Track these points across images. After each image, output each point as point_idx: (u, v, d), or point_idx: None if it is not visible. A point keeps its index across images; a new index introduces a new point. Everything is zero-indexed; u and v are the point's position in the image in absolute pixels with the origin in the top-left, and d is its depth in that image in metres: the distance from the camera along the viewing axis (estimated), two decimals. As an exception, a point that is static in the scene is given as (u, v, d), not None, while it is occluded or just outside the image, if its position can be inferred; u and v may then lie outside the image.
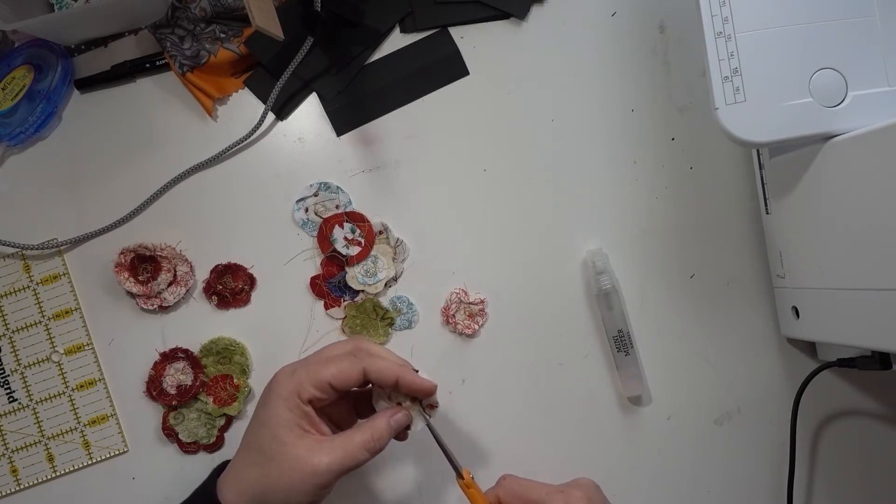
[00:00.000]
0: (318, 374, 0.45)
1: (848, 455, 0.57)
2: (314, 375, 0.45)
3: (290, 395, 0.45)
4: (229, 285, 0.57)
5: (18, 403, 0.58)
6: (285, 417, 0.45)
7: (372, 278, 0.57)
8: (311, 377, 0.45)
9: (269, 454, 0.45)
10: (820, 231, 0.47)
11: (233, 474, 0.47)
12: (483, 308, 0.57)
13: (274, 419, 0.45)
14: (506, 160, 0.58)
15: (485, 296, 0.57)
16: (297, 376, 0.46)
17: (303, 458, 0.44)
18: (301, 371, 0.46)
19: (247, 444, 0.47)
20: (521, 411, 0.57)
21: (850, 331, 0.47)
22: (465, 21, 0.59)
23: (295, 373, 0.46)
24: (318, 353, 0.48)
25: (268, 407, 0.46)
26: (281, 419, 0.45)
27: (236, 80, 0.59)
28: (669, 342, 0.58)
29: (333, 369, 0.45)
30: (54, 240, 0.58)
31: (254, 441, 0.46)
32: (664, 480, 0.57)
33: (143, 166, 0.58)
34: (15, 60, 0.60)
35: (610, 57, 0.59)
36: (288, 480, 0.44)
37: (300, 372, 0.46)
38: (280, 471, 0.44)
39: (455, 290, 0.57)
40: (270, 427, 0.45)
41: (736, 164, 0.58)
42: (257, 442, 0.46)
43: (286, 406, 0.45)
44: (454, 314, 0.57)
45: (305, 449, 0.44)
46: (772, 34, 0.45)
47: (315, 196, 0.58)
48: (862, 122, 0.44)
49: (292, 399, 0.45)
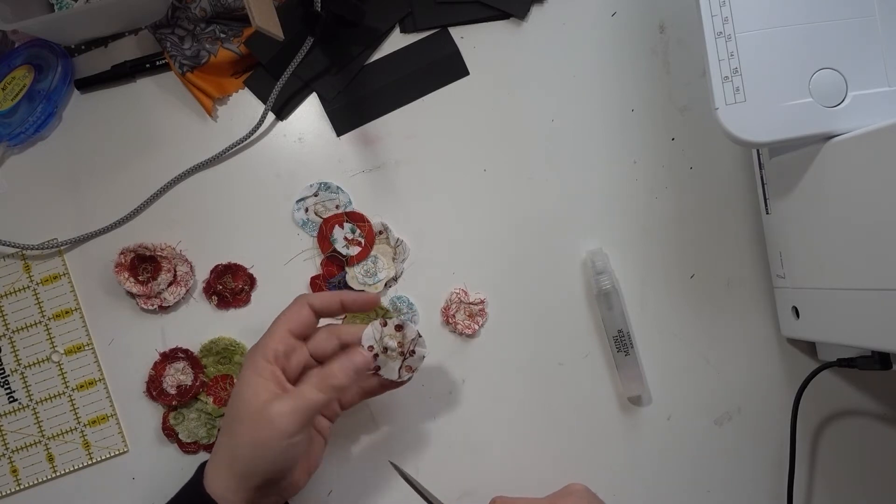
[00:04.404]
0: (274, 330, 0.48)
1: (848, 455, 0.57)
2: (271, 333, 0.48)
3: (255, 359, 0.47)
4: (229, 285, 0.57)
5: (18, 403, 0.58)
6: (254, 381, 0.46)
7: (372, 278, 0.57)
8: (269, 336, 0.48)
9: (236, 418, 0.46)
10: (820, 231, 0.47)
11: (212, 456, 0.48)
12: (483, 308, 0.57)
13: (243, 387, 0.46)
14: (506, 160, 0.58)
15: (485, 296, 0.57)
16: (259, 342, 0.48)
17: (261, 410, 0.45)
18: (261, 338, 0.48)
19: (226, 419, 0.47)
20: (521, 411, 0.57)
21: (850, 331, 0.47)
22: (465, 21, 0.59)
23: (258, 342, 0.48)
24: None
25: (239, 379, 0.47)
26: (250, 384, 0.46)
27: (236, 80, 0.59)
28: (669, 342, 0.58)
29: (283, 318, 0.48)
30: (54, 240, 0.58)
31: (227, 415, 0.47)
32: (664, 480, 0.57)
33: (143, 166, 0.58)
34: (15, 60, 0.60)
35: (610, 57, 0.59)
36: (251, 436, 0.45)
37: (261, 339, 0.48)
38: (243, 429, 0.45)
39: (455, 290, 0.57)
40: (240, 395, 0.46)
41: (736, 164, 0.58)
42: (229, 414, 0.47)
43: (254, 372, 0.46)
44: (454, 314, 0.57)
45: (264, 401, 0.45)
46: (772, 34, 0.45)
47: (315, 196, 0.58)
48: (862, 122, 0.44)
49: (258, 363, 0.46)
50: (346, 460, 0.57)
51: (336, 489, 0.57)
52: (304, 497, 0.56)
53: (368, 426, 0.57)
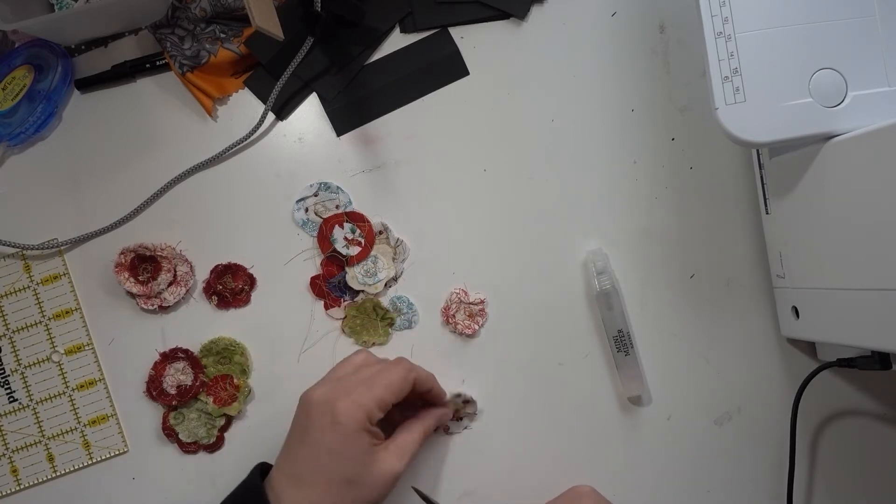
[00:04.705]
0: (383, 397, 0.48)
1: (848, 455, 0.57)
2: (380, 399, 0.48)
3: (363, 422, 0.47)
4: (229, 285, 0.57)
5: (19, 403, 0.58)
6: (364, 443, 0.47)
7: (372, 278, 0.57)
8: (376, 401, 0.48)
9: (356, 481, 0.47)
10: (820, 231, 0.47)
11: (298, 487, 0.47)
12: (483, 308, 0.57)
13: (355, 448, 0.47)
14: (506, 160, 0.58)
15: (485, 296, 0.57)
16: (363, 402, 0.48)
17: (386, 471, 0.48)
18: (364, 396, 0.48)
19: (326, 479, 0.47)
20: (520, 411, 0.57)
21: (850, 331, 0.46)
22: (465, 21, 0.59)
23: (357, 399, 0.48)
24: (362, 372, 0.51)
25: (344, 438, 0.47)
26: (362, 446, 0.47)
27: (236, 80, 0.59)
28: (669, 342, 0.58)
29: (394, 389, 0.49)
30: (54, 240, 0.58)
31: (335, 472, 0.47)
32: (664, 481, 0.57)
33: (143, 166, 0.59)
34: (15, 60, 0.60)
35: (610, 57, 0.59)
36: (377, 496, 0.48)
37: (363, 397, 0.48)
38: (369, 490, 0.47)
39: (455, 290, 0.57)
40: (353, 456, 0.47)
41: (736, 164, 0.58)
42: (339, 473, 0.47)
43: (362, 432, 0.47)
44: (454, 314, 0.57)
45: (384, 462, 0.48)
46: (772, 34, 0.45)
47: (315, 196, 0.58)
48: (862, 122, 0.44)
49: (365, 424, 0.47)
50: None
51: None
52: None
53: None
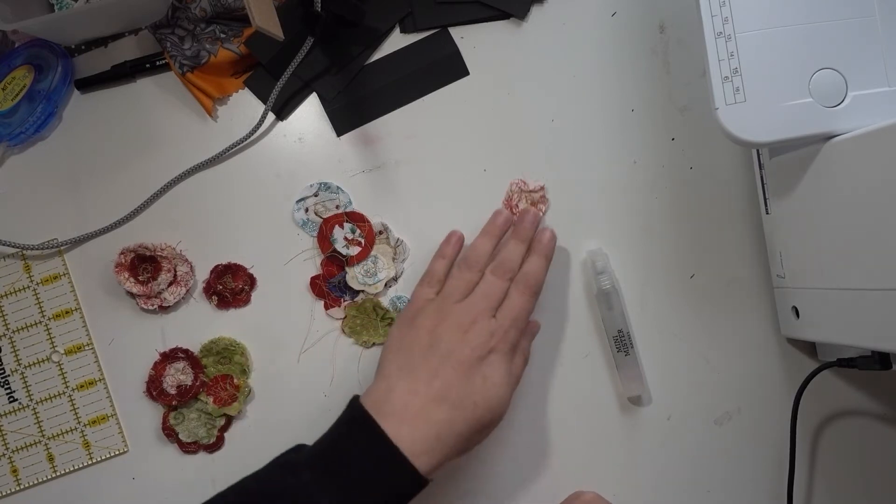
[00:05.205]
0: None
1: (848, 455, 0.57)
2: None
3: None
4: (229, 285, 0.57)
5: (19, 403, 0.58)
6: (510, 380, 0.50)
7: (372, 278, 0.57)
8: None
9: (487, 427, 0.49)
10: (820, 231, 0.47)
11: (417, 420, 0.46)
12: (544, 194, 0.57)
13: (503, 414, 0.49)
14: (506, 160, 0.58)
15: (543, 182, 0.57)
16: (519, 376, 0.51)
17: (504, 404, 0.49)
18: (520, 368, 0.51)
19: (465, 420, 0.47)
20: (520, 411, 0.57)
21: (850, 331, 0.47)
22: (465, 21, 0.59)
23: (520, 372, 0.51)
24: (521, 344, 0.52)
25: (504, 406, 0.49)
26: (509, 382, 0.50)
27: (236, 80, 0.59)
28: (669, 342, 0.58)
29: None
30: (54, 240, 0.58)
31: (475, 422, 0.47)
32: (664, 481, 0.57)
33: (143, 166, 0.58)
34: (15, 60, 0.60)
35: (610, 57, 0.59)
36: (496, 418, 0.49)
37: (519, 369, 0.51)
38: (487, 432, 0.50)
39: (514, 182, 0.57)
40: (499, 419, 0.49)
41: (736, 164, 0.58)
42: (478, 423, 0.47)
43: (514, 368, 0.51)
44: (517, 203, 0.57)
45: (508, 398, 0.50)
46: (772, 34, 0.45)
47: (315, 196, 0.58)
48: (862, 122, 0.44)
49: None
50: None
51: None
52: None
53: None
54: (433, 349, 0.48)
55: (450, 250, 0.54)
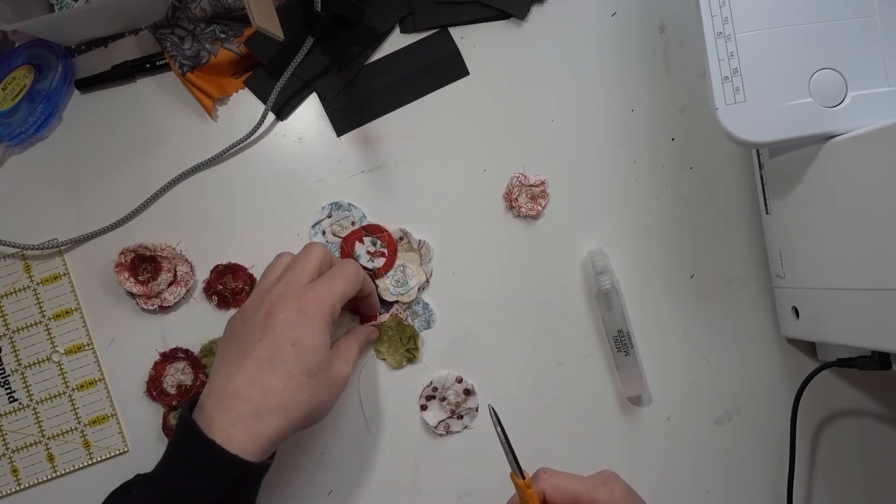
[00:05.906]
0: (344, 291, 0.48)
1: (848, 455, 0.57)
2: (341, 292, 0.48)
3: (329, 317, 0.47)
4: (229, 285, 0.57)
5: (19, 403, 0.58)
6: (327, 336, 0.47)
7: (404, 287, 0.57)
8: (339, 294, 0.48)
9: (316, 375, 0.46)
10: (820, 231, 0.47)
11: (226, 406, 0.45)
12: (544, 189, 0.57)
13: (320, 343, 0.46)
14: (506, 160, 0.58)
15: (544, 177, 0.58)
16: (328, 294, 0.47)
17: (339, 370, 0.48)
18: (328, 289, 0.48)
19: (288, 370, 0.45)
20: (520, 411, 0.57)
21: (850, 331, 0.47)
22: (465, 21, 0.59)
23: (321, 293, 0.47)
24: (329, 273, 0.50)
25: (311, 332, 0.46)
26: (325, 342, 0.47)
27: (236, 80, 0.59)
28: (669, 342, 0.58)
29: (352, 282, 0.49)
30: (54, 240, 0.58)
31: (298, 365, 0.45)
32: (664, 481, 0.57)
33: (143, 166, 0.59)
34: (15, 61, 0.60)
35: (610, 57, 0.59)
36: (332, 395, 0.48)
37: (328, 289, 0.48)
38: (326, 386, 0.47)
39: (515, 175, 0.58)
40: (317, 351, 0.46)
41: (736, 164, 0.58)
42: (303, 364, 0.45)
43: (328, 328, 0.47)
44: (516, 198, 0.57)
45: (336, 363, 0.48)
46: (772, 34, 0.45)
47: (329, 217, 0.58)
48: (862, 122, 0.44)
49: (330, 321, 0.47)
50: (344, 461, 0.57)
51: (336, 490, 0.57)
52: (305, 497, 0.56)
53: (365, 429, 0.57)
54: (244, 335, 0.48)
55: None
